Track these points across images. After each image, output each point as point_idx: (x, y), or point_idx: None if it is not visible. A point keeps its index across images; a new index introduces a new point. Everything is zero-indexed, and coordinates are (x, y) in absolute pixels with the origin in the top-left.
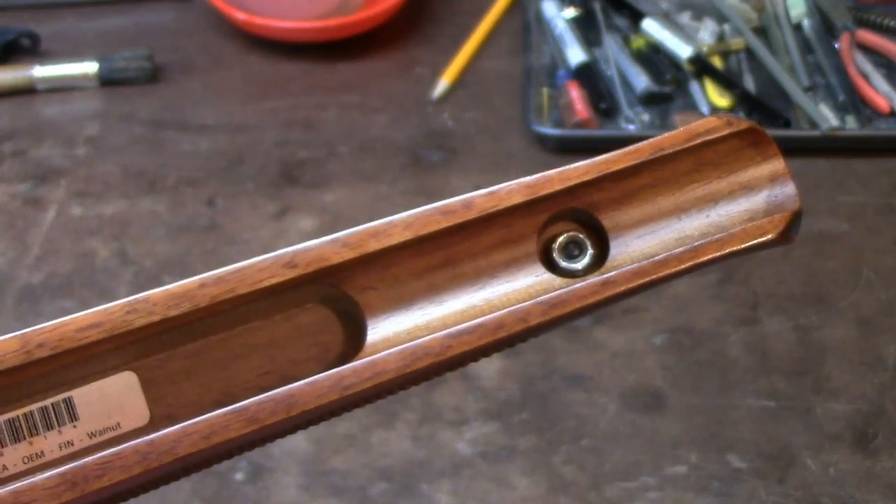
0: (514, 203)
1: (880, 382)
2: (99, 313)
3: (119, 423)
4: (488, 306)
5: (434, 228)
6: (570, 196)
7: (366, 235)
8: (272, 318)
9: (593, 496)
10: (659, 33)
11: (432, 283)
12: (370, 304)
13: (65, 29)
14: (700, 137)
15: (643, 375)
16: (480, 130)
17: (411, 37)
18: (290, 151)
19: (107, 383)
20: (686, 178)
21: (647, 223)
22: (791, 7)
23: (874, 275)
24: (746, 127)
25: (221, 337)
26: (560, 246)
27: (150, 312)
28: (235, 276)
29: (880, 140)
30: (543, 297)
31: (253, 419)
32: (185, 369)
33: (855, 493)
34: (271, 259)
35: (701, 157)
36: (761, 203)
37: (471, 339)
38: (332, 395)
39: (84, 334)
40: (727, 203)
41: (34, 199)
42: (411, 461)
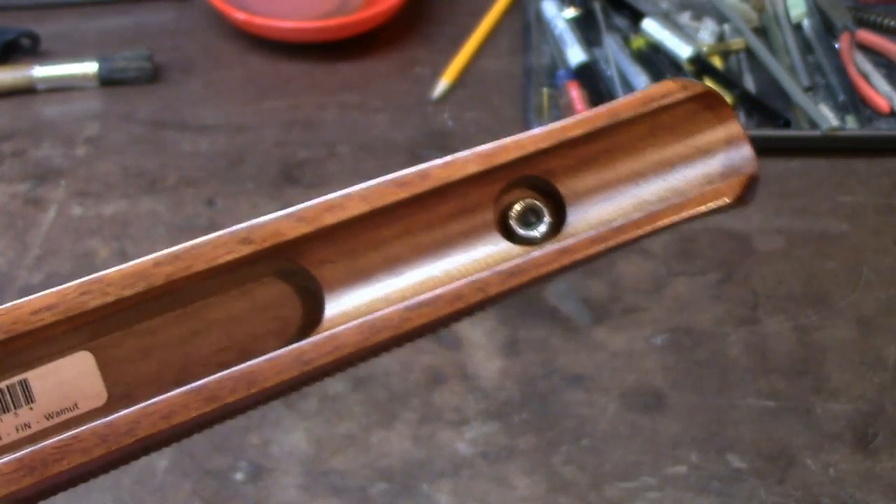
0: (469, 172)
1: (880, 382)
2: (52, 295)
3: (76, 403)
4: (447, 277)
5: (390, 200)
6: (526, 164)
7: (321, 209)
8: (228, 294)
9: (593, 496)
10: (659, 33)
11: (390, 255)
12: (327, 277)
13: (65, 29)
14: (656, 102)
15: (643, 375)
16: (480, 130)
17: (411, 37)
18: (290, 151)
19: (62, 364)
20: (642, 142)
21: (603, 189)
22: (791, 7)
23: (874, 275)
24: (702, 90)
25: (178, 314)
26: (517, 214)
27: (105, 293)
28: (191, 253)
29: (880, 140)
30: (502, 267)
31: (213, 397)
32: (141, 347)
33: (855, 493)
34: (227, 235)
35: (657, 122)
36: (718, 166)
37: (430, 310)
38: (292, 370)
39: (38, 317)
40: (684, 167)
41: (34, 199)
42: (411, 461)
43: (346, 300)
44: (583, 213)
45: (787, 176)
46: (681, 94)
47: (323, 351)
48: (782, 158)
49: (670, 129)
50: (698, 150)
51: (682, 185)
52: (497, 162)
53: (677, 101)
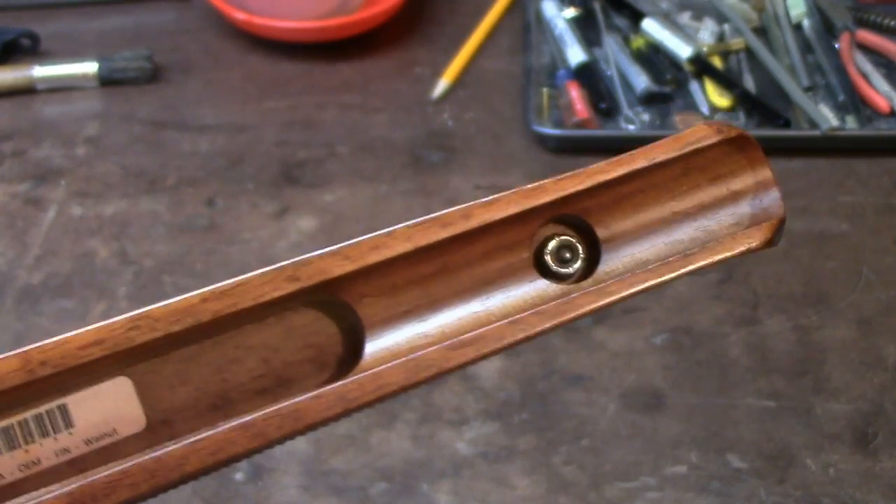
0: (510, 213)
1: (880, 382)
2: (101, 330)
3: (115, 429)
4: (486, 315)
5: (433, 239)
6: (563, 203)
7: (366, 248)
8: (265, 322)
9: (593, 496)
10: (659, 33)
11: (429, 291)
12: (367, 311)
13: (65, 29)
14: (691, 146)
15: (643, 375)
16: (480, 130)
17: (411, 37)
18: (290, 151)
19: (101, 389)
20: (675, 183)
21: (637, 228)
22: (791, 7)
23: (874, 275)
24: (736, 134)
25: (215, 340)
26: (552, 250)
27: (153, 329)
28: (238, 290)
29: (880, 140)
30: (543, 308)
31: (259, 434)
32: (179, 373)
33: (855, 493)
34: (273, 272)
35: (690, 163)
36: (748, 209)
37: (472, 350)
38: (337, 408)
39: (86, 352)
40: (715, 209)
41: (34, 199)
42: (411, 461)
43: (386, 335)
44: (617, 252)
45: (787, 176)
46: (715, 138)
47: (367, 390)
48: (782, 158)
49: (703, 171)
50: (729, 193)
51: (714, 226)
52: (536, 203)
53: (711, 144)
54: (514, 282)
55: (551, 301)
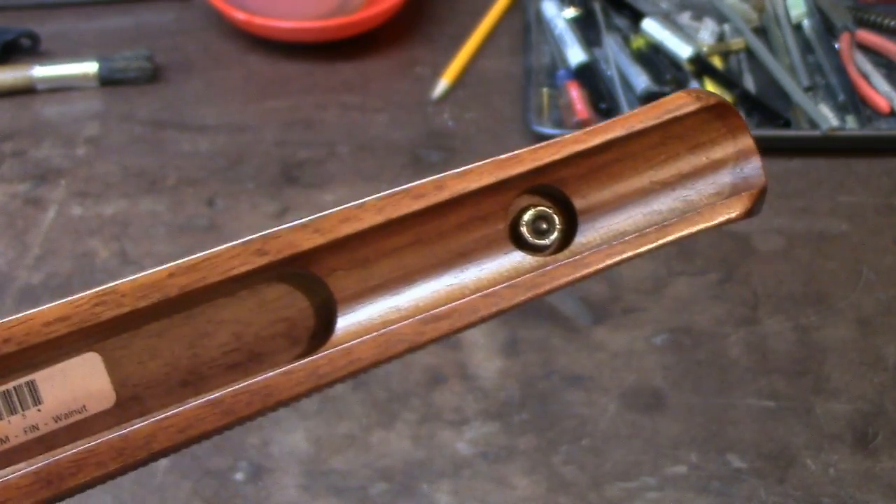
0: (484, 184)
1: (880, 382)
2: (66, 306)
3: (85, 405)
4: (460, 288)
5: (405, 211)
6: (539, 173)
7: (336, 220)
8: (237, 295)
9: (593, 496)
10: (659, 33)
11: (402, 264)
12: (339, 285)
13: (65, 29)
14: (670, 113)
15: (643, 375)
16: (480, 130)
17: (411, 37)
18: (290, 151)
19: (70, 365)
20: (653, 151)
21: (615, 199)
22: (791, 7)
23: (874, 275)
24: (714, 101)
25: (185, 315)
26: (528, 221)
27: (119, 304)
28: (205, 264)
29: (880, 140)
30: (517, 280)
31: (229, 411)
32: (149, 349)
33: (855, 493)
34: (241, 246)
35: (669, 131)
36: (728, 178)
37: (446, 324)
38: (307, 383)
39: (51, 328)
40: (694, 178)
41: (34, 199)
42: (411, 461)
43: (358, 308)
44: (594, 223)
45: (787, 176)
46: (693, 106)
47: (338, 365)
48: (782, 158)
49: (682, 140)
50: (709, 162)
51: (694, 196)
52: (512, 173)
53: (690, 112)
54: (489, 254)
55: (527, 273)
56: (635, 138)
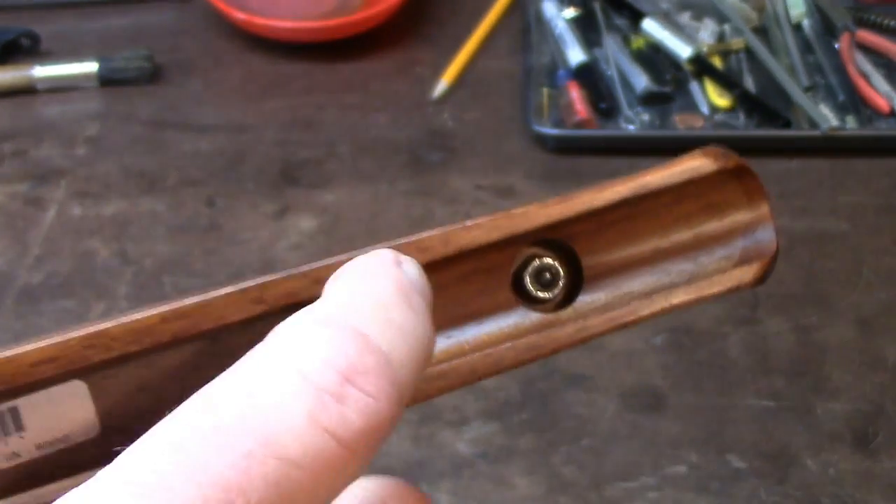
0: (493, 239)
1: (880, 382)
2: (55, 347)
3: (68, 434)
4: (458, 345)
5: None
6: (547, 228)
7: (336, 269)
8: (231, 331)
9: (593, 496)
10: (659, 33)
11: None
12: None
13: (65, 29)
14: (687, 175)
15: (643, 375)
16: (480, 130)
17: (411, 37)
18: (290, 151)
19: (54, 392)
20: (666, 210)
21: (623, 257)
22: (791, 7)
23: (874, 275)
24: (734, 165)
25: (176, 350)
26: (532, 272)
27: (109, 348)
28: (198, 311)
29: (880, 140)
30: (518, 343)
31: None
32: (137, 379)
33: (855, 493)
34: (237, 294)
35: (684, 190)
36: (740, 243)
37: (443, 384)
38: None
39: (38, 369)
40: (707, 241)
41: (34, 199)
42: (411, 461)
43: None
44: (600, 280)
45: (787, 176)
46: (711, 167)
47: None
48: (782, 158)
49: (697, 199)
50: (723, 225)
51: (704, 259)
52: (520, 229)
53: (707, 173)
54: (491, 307)
55: (528, 333)
56: (649, 196)
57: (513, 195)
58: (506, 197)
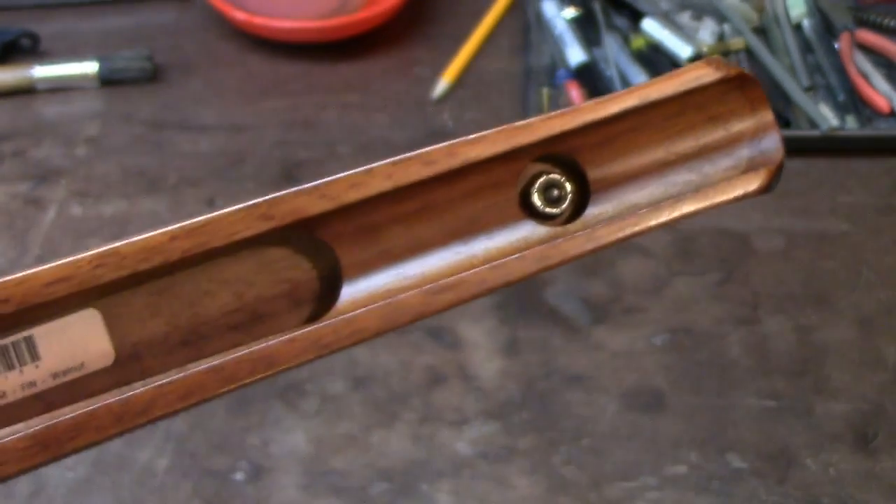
0: (497, 151)
1: (880, 382)
2: (67, 266)
3: (83, 362)
4: (468, 258)
5: (415, 178)
6: (552, 142)
7: (344, 185)
8: (239, 255)
9: (593, 496)
10: (659, 33)
11: (410, 231)
12: (345, 250)
13: (65, 29)
14: (689, 84)
15: (643, 375)
16: (480, 130)
17: (411, 37)
18: (290, 151)
19: (69, 321)
20: (670, 122)
21: (629, 169)
22: (791, 7)
23: (874, 275)
24: (735, 73)
25: (188, 273)
26: (539, 189)
27: (120, 266)
28: (208, 228)
29: (880, 140)
30: (527, 252)
31: (230, 377)
32: (150, 306)
33: (855, 493)
34: (245, 210)
35: (687, 101)
36: (745, 152)
37: (453, 295)
38: (310, 352)
39: (51, 289)
40: (712, 150)
41: (34, 199)
42: (411, 461)
43: (364, 277)
44: (607, 194)
45: (787, 176)
46: (713, 76)
47: (342, 334)
48: None
49: (700, 110)
50: (727, 134)
51: (710, 169)
52: (524, 141)
53: (709, 82)
54: (499, 223)
55: (537, 245)
56: (652, 108)
57: None
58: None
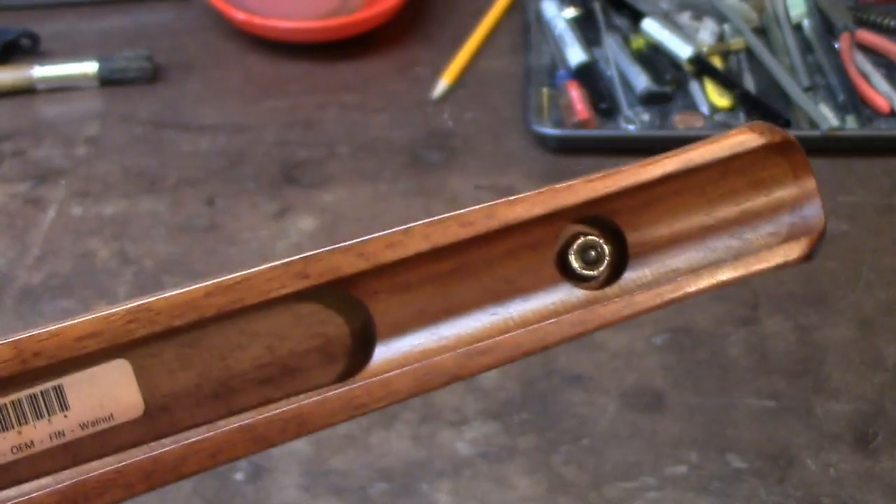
0: (536, 214)
1: (880, 382)
2: (99, 321)
3: (112, 413)
4: (504, 321)
5: (453, 239)
6: (592, 204)
7: (381, 245)
8: (273, 308)
9: (593, 496)
10: (659, 33)
11: (446, 291)
12: (380, 309)
13: (65, 29)
14: (732, 149)
15: (643, 375)
16: (480, 130)
17: (411, 37)
18: (290, 151)
19: (98, 371)
20: (712, 186)
21: (668, 234)
22: (791, 7)
23: (874, 275)
24: (781, 139)
25: (220, 325)
26: (577, 250)
27: (153, 322)
28: (243, 285)
29: (880, 140)
30: (564, 317)
31: (261, 437)
32: (181, 357)
33: (855, 493)
34: (281, 267)
35: (729, 166)
36: (787, 219)
37: (487, 360)
38: (342, 414)
39: (82, 344)
40: (753, 217)
41: (34, 199)
42: (411, 461)
43: (399, 336)
44: (645, 258)
45: None
46: (757, 142)
47: (375, 396)
48: None
49: (742, 175)
50: (769, 200)
51: (751, 235)
52: (565, 204)
53: (753, 147)
54: (536, 284)
55: (574, 309)
56: (694, 172)
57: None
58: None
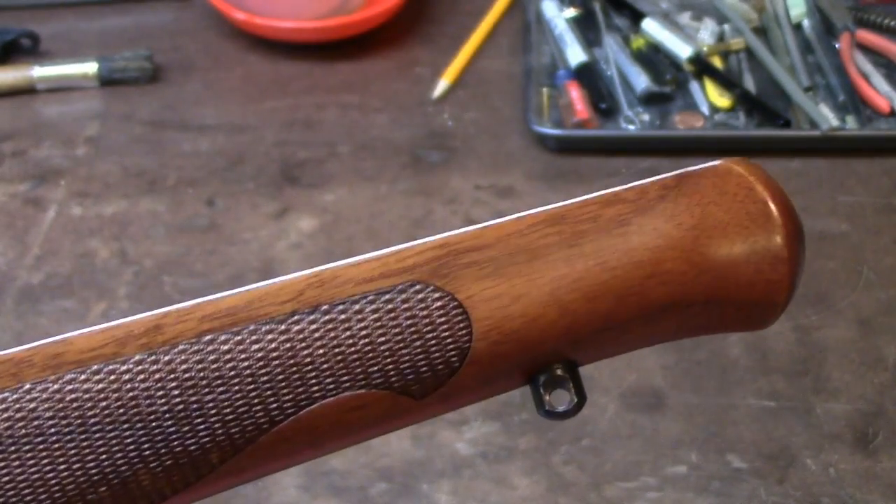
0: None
1: (880, 382)
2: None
3: None
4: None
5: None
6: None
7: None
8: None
9: (593, 496)
10: (659, 33)
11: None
12: None
13: (65, 29)
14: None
15: (643, 375)
16: (480, 130)
17: (411, 37)
18: (290, 151)
19: None
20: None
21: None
22: (791, 7)
23: (874, 275)
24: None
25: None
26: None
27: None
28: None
29: (880, 140)
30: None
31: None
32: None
33: (855, 493)
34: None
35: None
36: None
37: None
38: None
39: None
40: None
41: (34, 199)
42: (411, 461)
43: None
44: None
45: (787, 176)
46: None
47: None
48: (782, 158)
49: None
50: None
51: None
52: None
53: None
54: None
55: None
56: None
57: (512, 195)
58: (505, 197)
